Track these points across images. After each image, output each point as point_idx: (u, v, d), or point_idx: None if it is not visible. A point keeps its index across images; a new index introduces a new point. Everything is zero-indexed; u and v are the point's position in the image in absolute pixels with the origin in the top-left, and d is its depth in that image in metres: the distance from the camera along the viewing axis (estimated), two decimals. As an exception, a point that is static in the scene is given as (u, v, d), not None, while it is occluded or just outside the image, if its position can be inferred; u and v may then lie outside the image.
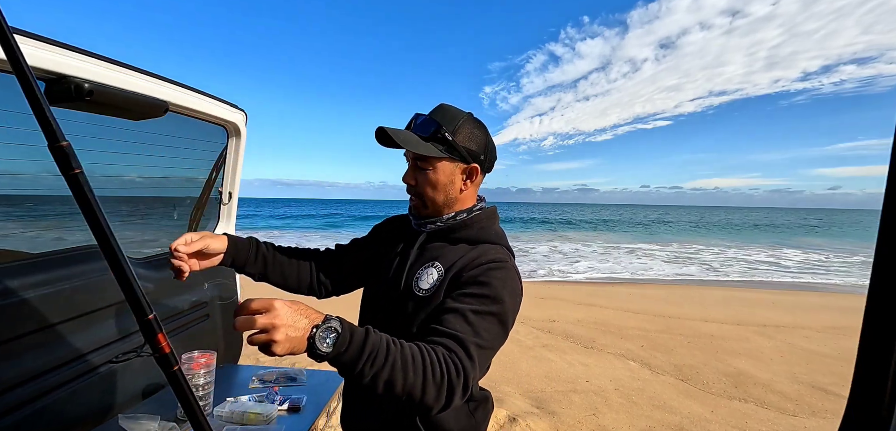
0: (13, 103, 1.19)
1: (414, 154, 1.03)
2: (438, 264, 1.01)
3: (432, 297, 0.97)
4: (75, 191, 0.50)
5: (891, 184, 0.39)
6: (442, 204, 1.06)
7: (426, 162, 1.03)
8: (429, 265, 1.02)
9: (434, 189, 1.04)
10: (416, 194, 1.07)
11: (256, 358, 4.13)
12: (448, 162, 1.03)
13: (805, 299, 8.09)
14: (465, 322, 0.87)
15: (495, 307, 0.90)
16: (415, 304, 0.99)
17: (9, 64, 0.47)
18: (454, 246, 1.05)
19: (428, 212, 1.08)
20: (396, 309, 1.02)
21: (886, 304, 0.40)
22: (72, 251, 1.46)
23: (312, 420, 1.53)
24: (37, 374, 1.24)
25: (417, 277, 1.02)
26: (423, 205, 1.07)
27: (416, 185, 1.06)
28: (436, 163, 1.02)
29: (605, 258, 15.61)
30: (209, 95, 1.82)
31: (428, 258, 1.04)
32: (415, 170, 1.05)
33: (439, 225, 1.07)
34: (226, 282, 2.14)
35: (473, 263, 0.97)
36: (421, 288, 1.00)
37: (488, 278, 0.93)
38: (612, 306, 6.85)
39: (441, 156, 1.01)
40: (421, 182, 1.05)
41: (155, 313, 0.53)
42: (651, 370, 4.17)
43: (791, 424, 3.22)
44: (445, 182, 1.04)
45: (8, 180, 1.37)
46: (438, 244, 1.06)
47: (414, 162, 1.05)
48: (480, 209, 1.11)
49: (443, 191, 1.04)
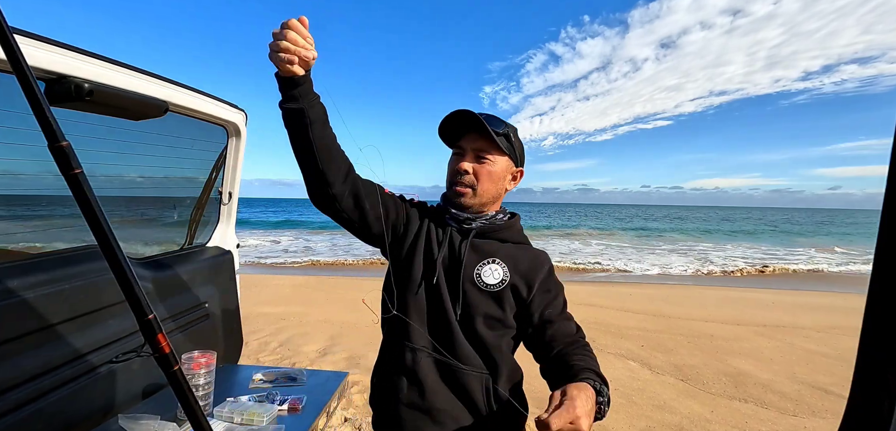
0: (13, 103, 1.19)
1: (478, 146, 1.08)
2: (501, 263, 1.08)
3: (502, 293, 1.06)
4: (75, 191, 0.50)
5: (891, 184, 0.39)
6: (491, 198, 1.12)
7: (491, 153, 1.08)
8: (489, 261, 1.08)
9: (490, 181, 1.10)
10: (469, 184, 1.09)
11: (256, 358, 4.13)
12: (507, 159, 1.11)
13: (805, 299, 8.09)
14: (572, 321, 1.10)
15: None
16: (480, 295, 1.06)
17: (9, 64, 0.47)
18: (502, 245, 1.12)
19: (473, 203, 1.11)
20: (460, 298, 1.06)
21: (886, 304, 0.40)
22: (72, 251, 1.46)
23: (312, 420, 1.53)
24: (37, 374, 1.24)
25: (479, 272, 1.07)
26: (473, 194, 1.09)
27: (474, 174, 1.09)
28: (498, 157, 1.09)
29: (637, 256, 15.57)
30: (209, 95, 1.82)
31: (484, 254, 1.09)
32: (475, 160, 1.09)
33: (484, 224, 1.12)
34: (226, 282, 2.14)
35: (541, 268, 1.10)
36: (486, 283, 1.06)
37: (554, 280, 1.13)
38: (612, 306, 6.85)
39: (504, 152, 1.09)
40: (479, 172, 1.09)
41: (155, 313, 0.53)
42: (651, 370, 4.17)
43: (791, 424, 3.22)
44: (500, 177, 1.11)
45: (8, 180, 1.37)
46: (486, 241, 1.12)
47: (476, 152, 1.09)
48: (512, 213, 1.20)
49: (495, 185, 1.11)
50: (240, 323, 2.23)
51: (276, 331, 5.00)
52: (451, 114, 1.06)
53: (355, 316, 5.81)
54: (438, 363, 1.06)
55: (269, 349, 4.40)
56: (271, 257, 13.53)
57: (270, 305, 6.27)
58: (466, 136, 1.10)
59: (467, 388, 1.05)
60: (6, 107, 1.22)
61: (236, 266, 2.23)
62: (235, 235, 2.31)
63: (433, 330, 1.07)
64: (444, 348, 1.05)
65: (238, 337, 2.22)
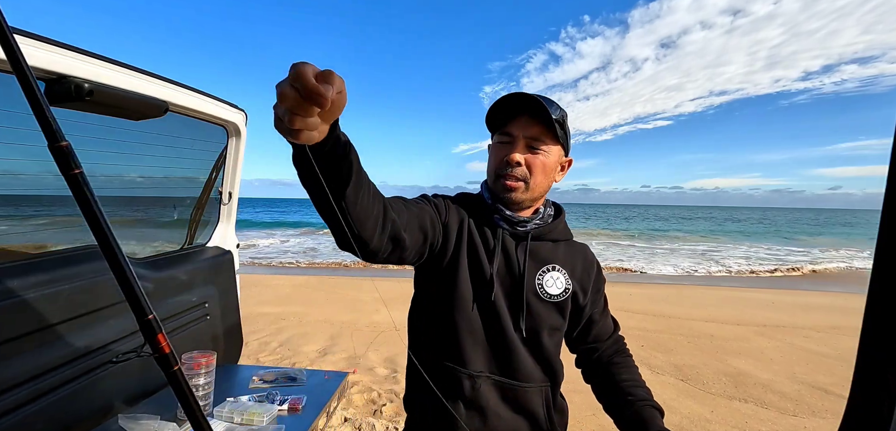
0: (13, 103, 1.19)
1: (531, 133, 0.95)
2: (561, 270, 1.01)
3: (564, 303, 1.00)
4: (75, 191, 0.50)
5: (891, 184, 0.39)
6: (541, 192, 1.01)
7: (546, 142, 0.96)
8: (549, 269, 1.00)
9: (544, 173, 0.97)
10: (522, 177, 0.96)
11: (256, 358, 4.13)
12: (560, 148, 1.00)
13: (805, 299, 8.09)
14: (610, 317, 1.12)
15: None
16: (545, 308, 0.98)
17: (9, 64, 0.47)
18: (556, 247, 1.03)
19: (524, 199, 0.98)
20: (524, 311, 0.97)
21: (886, 304, 0.40)
22: (72, 251, 1.46)
23: (312, 420, 1.53)
24: (37, 374, 1.24)
25: (540, 282, 0.98)
26: (525, 188, 0.97)
27: (526, 166, 0.96)
28: (552, 146, 0.97)
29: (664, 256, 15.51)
30: (209, 95, 1.82)
31: (542, 260, 1.00)
32: (527, 149, 0.96)
33: (539, 225, 1.01)
34: (226, 282, 2.14)
35: (592, 268, 1.07)
36: (550, 294, 0.98)
37: (601, 276, 1.11)
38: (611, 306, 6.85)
39: (558, 140, 0.97)
40: (533, 164, 0.96)
41: (155, 313, 0.53)
42: (651, 370, 4.16)
43: (791, 424, 3.22)
44: (552, 169, 1.00)
45: (8, 180, 1.37)
46: (541, 244, 1.02)
47: (529, 141, 0.96)
48: (556, 206, 1.10)
49: (548, 177, 0.99)
50: (240, 323, 2.23)
51: (276, 331, 5.00)
52: (506, 96, 0.94)
53: (355, 316, 5.81)
54: (498, 384, 0.97)
55: (269, 349, 4.40)
56: (271, 257, 13.53)
57: (270, 305, 6.27)
58: (517, 121, 0.95)
59: (529, 405, 0.99)
60: (6, 107, 1.22)
61: (236, 266, 2.23)
62: (235, 235, 2.31)
63: (492, 351, 0.97)
64: (505, 367, 0.97)
65: (238, 337, 2.22)
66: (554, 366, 1.02)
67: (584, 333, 1.08)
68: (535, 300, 0.97)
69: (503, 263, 0.98)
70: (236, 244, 2.28)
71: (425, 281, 1.02)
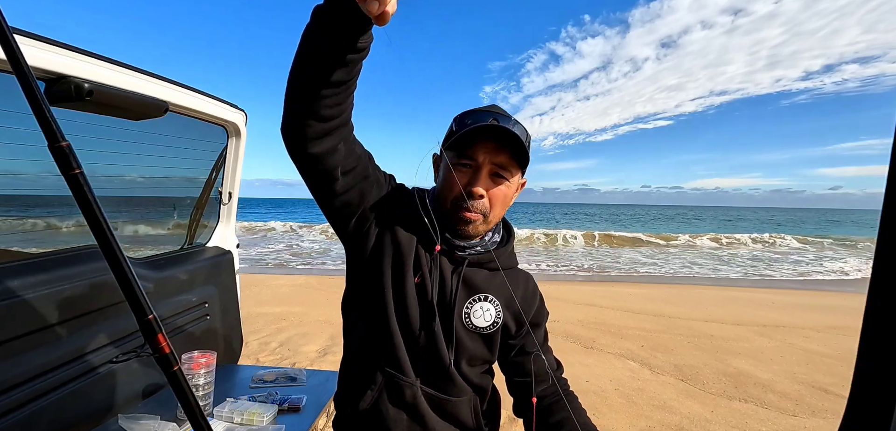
0: (13, 103, 1.19)
1: (499, 161, 0.86)
2: (493, 300, 0.95)
3: (492, 336, 0.97)
4: (75, 191, 0.50)
5: (891, 184, 0.39)
6: (498, 220, 0.95)
7: (511, 172, 0.88)
8: (480, 299, 0.94)
9: (504, 204, 0.92)
10: (482, 211, 0.88)
11: (256, 358, 4.13)
12: (520, 172, 0.92)
13: (805, 299, 8.09)
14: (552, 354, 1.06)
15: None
16: (471, 339, 0.95)
17: (9, 64, 0.47)
18: (494, 276, 0.97)
19: (480, 232, 0.93)
20: (447, 339, 0.93)
21: (886, 304, 0.40)
22: (72, 251, 1.46)
23: (312, 420, 1.53)
24: (37, 374, 1.24)
25: (468, 312, 0.93)
26: (483, 222, 0.90)
27: (489, 199, 0.88)
28: (516, 173, 0.90)
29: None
30: (209, 95, 1.82)
31: (474, 290, 0.94)
32: (490, 180, 0.87)
33: (480, 252, 0.95)
34: (226, 282, 2.14)
35: (533, 299, 1.03)
36: (476, 326, 0.94)
37: (543, 309, 1.07)
38: (612, 306, 6.85)
39: (520, 167, 0.90)
40: (495, 197, 0.88)
41: (155, 313, 0.53)
42: (651, 370, 4.16)
43: (791, 424, 3.22)
44: (512, 197, 0.94)
45: (8, 180, 1.37)
46: (477, 270, 0.96)
47: (494, 169, 0.87)
48: (506, 227, 1.04)
49: (507, 206, 0.94)
50: (240, 323, 2.23)
51: (276, 331, 5.00)
52: (479, 128, 0.83)
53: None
54: (429, 396, 0.97)
55: (269, 349, 4.40)
56: (271, 257, 13.53)
57: (270, 305, 6.26)
58: (482, 146, 0.85)
59: (459, 416, 0.99)
60: (6, 107, 1.22)
61: (236, 266, 2.23)
62: (235, 235, 2.31)
63: (428, 368, 0.95)
64: (438, 383, 0.96)
65: (238, 337, 2.22)
66: (482, 384, 1.02)
67: (518, 368, 1.02)
68: (461, 329, 0.93)
69: (437, 290, 0.92)
70: (236, 244, 2.28)
71: (362, 279, 0.96)
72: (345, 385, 1.03)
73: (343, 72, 0.70)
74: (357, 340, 1.00)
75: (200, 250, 2.10)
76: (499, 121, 0.83)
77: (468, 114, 0.88)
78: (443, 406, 0.97)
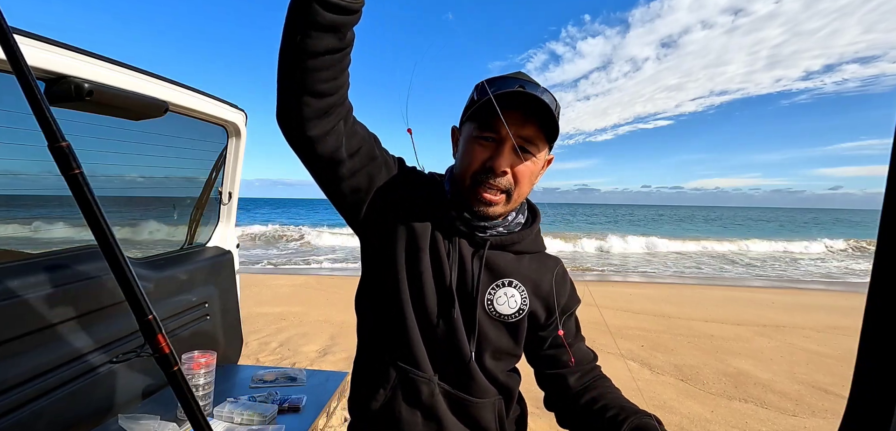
0: (13, 103, 1.20)
1: (525, 134, 0.78)
2: (518, 285, 0.88)
3: (518, 324, 0.90)
4: (75, 191, 0.50)
5: (891, 184, 0.39)
6: (523, 199, 0.89)
7: (538, 146, 0.81)
8: (503, 285, 0.87)
9: (530, 182, 0.84)
10: (505, 188, 0.81)
11: (256, 358, 4.13)
12: (547, 147, 0.84)
13: (805, 299, 8.09)
14: (585, 343, 1.00)
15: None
16: (494, 328, 0.88)
17: (9, 64, 0.47)
18: (519, 259, 0.90)
19: (503, 212, 0.86)
20: (468, 329, 0.87)
21: (886, 304, 0.40)
22: (72, 251, 1.46)
23: (312, 420, 1.53)
24: (37, 374, 1.24)
25: (491, 298, 0.87)
26: (507, 201, 0.83)
27: (513, 175, 0.81)
28: (543, 148, 0.82)
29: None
30: (209, 95, 1.82)
31: (497, 275, 0.88)
32: (514, 154, 0.79)
33: (502, 234, 0.88)
34: (226, 282, 2.14)
35: (563, 287, 0.95)
36: (499, 313, 0.87)
37: (575, 297, 0.99)
38: (612, 306, 6.85)
39: (548, 141, 0.83)
40: (520, 174, 0.81)
41: (155, 313, 0.53)
42: (651, 370, 4.17)
43: (791, 424, 3.21)
44: (538, 174, 0.86)
45: (8, 180, 1.37)
46: (501, 253, 0.89)
47: (520, 143, 0.78)
48: (531, 208, 0.97)
49: (532, 184, 0.86)
50: (240, 323, 2.23)
51: (276, 331, 5.00)
52: (503, 94, 0.74)
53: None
54: (449, 395, 0.89)
55: (269, 349, 4.40)
56: (271, 257, 13.53)
57: (270, 305, 6.26)
58: (507, 116, 0.75)
59: (481, 420, 0.91)
60: (6, 107, 1.22)
61: (236, 266, 2.23)
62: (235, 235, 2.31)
63: (447, 363, 0.88)
64: (457, 381, 0.89)
65: (238, 337, 2.22)
66: (508, 384, 0.94)
67: (551, 361, 0.95)
68: (483, 317, 0.87)
69: (458, 274, 0.86)
70: (236, 244, 2.28)
71: (376, 268, 0.91)
72: (357, 383, 0.96)
73: (334, 38, 0.66)
74: (368, 331, 0.95)
75: (200, 250, 2.10)
76: (526, 88, 0.75)
77: (491, 82, 0.79)
78: (463, 408, 0.89)
